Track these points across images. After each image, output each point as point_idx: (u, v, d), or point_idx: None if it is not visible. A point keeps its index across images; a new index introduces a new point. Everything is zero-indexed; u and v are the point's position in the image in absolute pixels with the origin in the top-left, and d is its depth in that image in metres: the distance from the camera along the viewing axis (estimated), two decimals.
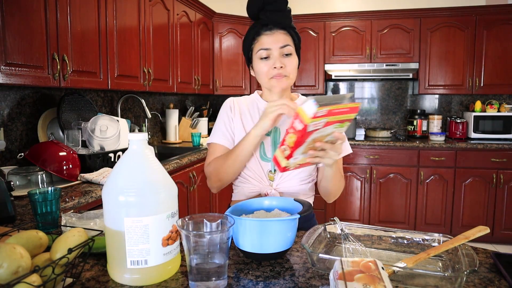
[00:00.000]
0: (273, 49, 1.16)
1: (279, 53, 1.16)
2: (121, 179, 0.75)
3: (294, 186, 1.22)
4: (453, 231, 3.47)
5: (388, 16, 3.71)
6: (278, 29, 1.17)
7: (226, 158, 1.18)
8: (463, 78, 3.65)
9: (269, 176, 1.21)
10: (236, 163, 1.16)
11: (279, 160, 1.00)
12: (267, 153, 1.22)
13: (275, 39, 1.16)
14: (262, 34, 1.18)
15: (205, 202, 2.97)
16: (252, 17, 1.22)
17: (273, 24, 1.16)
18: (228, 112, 1.27)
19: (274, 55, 1.16)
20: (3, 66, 1.54)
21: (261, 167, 1.22)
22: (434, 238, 0.90)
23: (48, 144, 1.79)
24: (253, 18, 1.22)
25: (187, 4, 3.18)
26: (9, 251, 0.63)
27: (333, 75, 3.82)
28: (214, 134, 1.28)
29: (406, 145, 3.51)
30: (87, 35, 2.01)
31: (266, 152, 1.22)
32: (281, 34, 1.17)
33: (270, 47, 1.16)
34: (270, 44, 1.16)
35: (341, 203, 3.70)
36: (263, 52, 1.17)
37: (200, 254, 0.70)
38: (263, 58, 1.17)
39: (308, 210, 0.89)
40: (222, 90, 3.89)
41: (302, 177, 1.22)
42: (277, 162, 1.01)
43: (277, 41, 1.16)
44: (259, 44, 1.18)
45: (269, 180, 1.22)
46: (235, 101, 1.30)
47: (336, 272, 0.63)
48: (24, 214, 1.25)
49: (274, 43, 1.16)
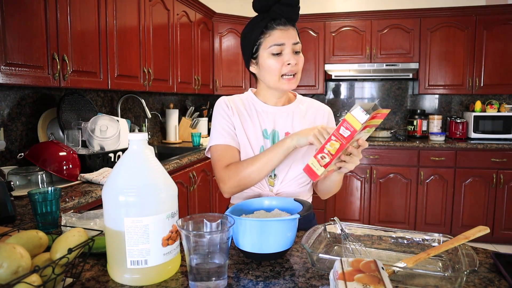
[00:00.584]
0: (287, 44, 1.11)
1: (291, 49, 1.12)
2: (121, 179, 0.75)
3: (294, 190, 1.21)
4: (453, 231, 3.47)
5: (388, 16, 3.71)
6: (290, 25, 1.12)
7: (251, 164, 1.11)
8: (463, 78, 3.65)
9: (269, 181, 1.20)
10: (264, 170, 1.10)
11: (314, 169, 0.97)
12: None
13: (289, 35, 1.11)
14: (275, 29, 1.11)
15: (205, 202, 2.97)
16: (260, 10, 1.14)
17: (286, 18, 1.11)
18: (226, 110, 1.20)
19: (286, 51, 1.11)
20: (3, 66, 1.54)
21: None
22: (434, 238, 0.90)
23: (48, 144, 1.79)
24: (261, 11, 1.15)
25: (187, 4, 3.18)
26: (9, 251, 0.63)
27: (333, 75, 3.82)
28: (218, 136, 1.19)
29: (406, 145, 3.51)
30: (87, 35, 2.01)
31: None
32: (293, 30, 1.13)
33: (285, 42, 1.11)
34: (284, 39, 1.10)
35: (341, 203, 3.70)
36: (276, 48, 1.11)
37: (200, 254, 0.70)
38: (275, 54, 1.12)
39: (309, 210, 0.89)
40: (222, 90, 3.89)
41: (301, 182, 1.21)
42: (312, 171, 0.97)
43: (291, 37, 1.11)
44: (272, 39, 1.11)
45: (269, 185, 1.20)
46: (229, 100, 1.23)
47: (336, 272, 0.63)
48: (24, 214, 1.25)
49: (289, 38, 1.11)
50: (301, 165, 1.16)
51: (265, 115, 1.22)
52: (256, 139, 1.19)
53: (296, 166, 1.19)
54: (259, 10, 1.15)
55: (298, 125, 1.21)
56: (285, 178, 1.19)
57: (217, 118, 1.21)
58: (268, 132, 1.20)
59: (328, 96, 4.29)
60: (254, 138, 1.19)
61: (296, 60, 1.13)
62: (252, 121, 1.21)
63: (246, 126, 1.20)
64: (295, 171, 1.19)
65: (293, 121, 1.22)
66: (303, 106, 1.25)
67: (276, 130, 1.21)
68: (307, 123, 1.22)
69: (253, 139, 1.19)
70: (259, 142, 1.19)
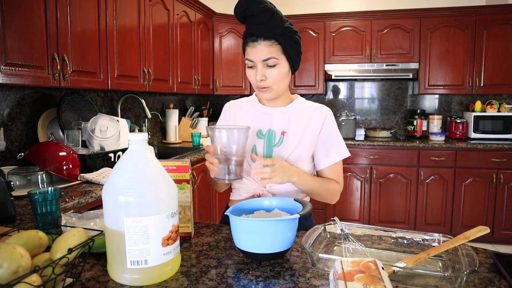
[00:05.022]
0: (256, 61, 1.14)
1: (262, 65, 1.14)
2: (121, 179, 0.75)
3: (287, 187, 1.22)
4: (453, 231, 3.47)
5: (388, 16, 3.71)
6: (263, 40, 1.11)
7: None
8: (463, 78, 3.65)
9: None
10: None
11: None
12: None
13: (258, 51, 1.12)
14: (247, 44, 1.15)
15: (205, 202, 2.98)
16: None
17: (257, 35, 1.12)
18: (225, 116, 1.32)
19: (257, 67, 1.15)
20: (3, 66, 1.54)
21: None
22: (434, 238, 0.90)
23: (48, 144, 1.79)
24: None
25: (187, 4, 3.18)
26: (9, 251, 0.63)
27: (333, 75, 3.82)
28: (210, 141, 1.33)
29: (406, 145, 3.51)
30: (87, 35, 2.01)
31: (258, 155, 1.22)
32: (265, 46, 1.12)
33: (253, 59, 1.14)
34: (253, 55, 1.14)
35: (341, 203, 3.69)
36: (249, 62, 1.16)
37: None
38: (249, 67, 1.17)
39: (309, 210, 0.89)
40: (222, 90, 3.89)
41: None
42: None
43: (260, 54, 1.12)
44: (246, 54, 1.17)
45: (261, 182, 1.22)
46: (233, 104, 1.33)
47: (336, 272, 0.63)
48: (24, 214, 1.25)
49: (256, 55, 1.13)
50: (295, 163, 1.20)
51: (263, 116, 1.26)
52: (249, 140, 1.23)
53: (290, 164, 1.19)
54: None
55: (294, 125, 1.22)
56: None
57: (218, 123, 1.35)
58: (264, 132, 1.23)
59: (328, 96, 4.29)
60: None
61: (266, 75, 1.14)
62: (249, 122, 1.26)
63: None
64: None
65: (290, 121, 1.23)
66: (301, 106, 1.26)
67: (273, 130, 1.23)
68: (304, 123, 1.23)
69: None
70: (252, 142, 1.24)
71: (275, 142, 1.21)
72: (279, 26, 1.10)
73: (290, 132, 1.21)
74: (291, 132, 1.21)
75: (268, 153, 1.21)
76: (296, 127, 1.22)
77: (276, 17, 1.09)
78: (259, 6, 1.07)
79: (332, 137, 1.23)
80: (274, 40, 1.12)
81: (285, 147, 1.20)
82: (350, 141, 3.63)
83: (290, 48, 1.14)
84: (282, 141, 1.21)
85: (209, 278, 0.77)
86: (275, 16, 1.09)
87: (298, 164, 1.19)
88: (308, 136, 1.22)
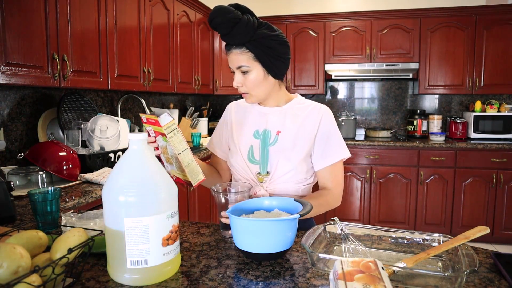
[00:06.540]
0: (232, 68, 1.18)
1: (238, 71, 1.17)
2: (121, 179, 0.75)
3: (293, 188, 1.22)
4: (453, 231, 3.47)
5: (388, 16, 3.71)
6: (234, 49, 1.14)
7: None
8: (463, 78, 3.65)
9: (258, 178, 1.23)
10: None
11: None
12: (255, 156, 1.23)
13: (231, 60, 1.16)
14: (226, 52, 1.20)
15: (205, 202, 2.97)
16: None
17: (229, 44, 1.15)
18: (225, 117, 1.35)
19: (235, 73, 1.18)
20: (3, 66, 1.54)
21: (249, 169, 1.23)
22: (434, 238, 0.90)
23: (48, 144, 1.79)
24: None
25: (187, 4, 3.18)
26: (9, 251, 0.63)
27: (333, 75, 3.82)
28: (210, 142, 1.40)
29: (406, 145, 3.51)
30: (87, 35, 2.01)
31: (255, 155, 1.23)
32: (236, 55, 1.14)
33: (230, 66, 1.19)
34: (229, 63, 1.19)
35: (341, 203, 3.65)
36: (230, 69, 1.20)
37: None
38: (232, 72, 1.20)
39: (309, 210, 0.89)
40: (222, 90, 3.89)
41: (298, 180, 1.22)
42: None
43: (232, 62, 1.16)
44: None
45: (258, 181, 1.23)
46: (235, 105, 1.36)
47: (336, 272, 0.63)
48: (24, 214, 1.25)
49: (231, 63, 1.17)
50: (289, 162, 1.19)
51: (260, 116, 1.26)
52: (246, 140, 1.26)
53: (284, 163, 1.19)
54: None
55: (290, 124, 1.22)
56: (274, 175, 1.20)
57: (219, 123, 1.38)
58: (260, 132, 1.24)
59: (328, 96, 4.29)
60: (244, 139, 1.26)
61: (241, 81, 1.17)
62: (247, 122, 1.28)
63: (240, 129, 1.28)
64: (284, 169, 1.19)
65: (285, 120, 1.23)
66: (299, 106, 1.26)
67: (268, 130, 1.23)
68: (298, 123, 1.22)
69: (243, 140, 1.26)
70: (249, 142, 1.25)
71: (270, 141, 1.22)
72: (246, 34, 1.09)
73: (285, 131, 1.21)
74: (286, 132, 1.21)
75: (263, 152, 1.21)
76: (291, 127, 1.21)
77: (240, 26, 1.08)
78: (220, 18, 1.08)
79: (329, 137, 1.21)
80: (245, 48, 1.12)
81: (280, 147, 1.20)
82: (350, 141, 3.63)
83: (262, 54, 1.13)
84: (277, 140, 1.21)
85: (209, 278, 0.77)
86: (239, 25, 1.08)
87: (293, 164, 1.19)
88: (303, 136, 1.20)
